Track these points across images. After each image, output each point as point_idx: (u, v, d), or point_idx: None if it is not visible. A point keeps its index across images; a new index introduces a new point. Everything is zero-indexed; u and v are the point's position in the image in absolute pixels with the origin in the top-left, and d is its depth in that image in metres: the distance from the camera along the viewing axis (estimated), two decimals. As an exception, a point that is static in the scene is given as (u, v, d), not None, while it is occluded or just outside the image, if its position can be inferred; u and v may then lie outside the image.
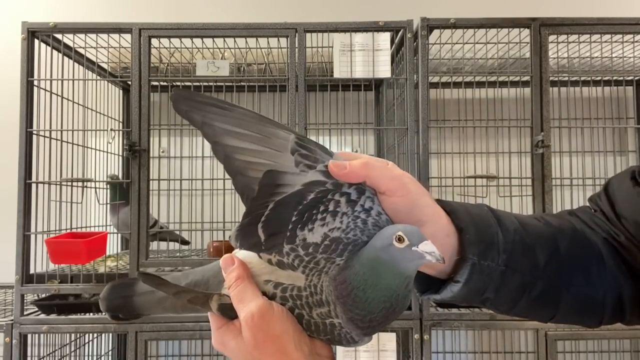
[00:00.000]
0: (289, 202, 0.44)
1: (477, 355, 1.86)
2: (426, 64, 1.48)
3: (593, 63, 1.78)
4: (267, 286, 0.45)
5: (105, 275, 1.45)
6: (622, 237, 0.55)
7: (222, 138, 0.45)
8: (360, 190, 0.44)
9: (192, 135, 1.71)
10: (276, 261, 0.45)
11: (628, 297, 0.55)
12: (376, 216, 0.44)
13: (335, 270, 0.43)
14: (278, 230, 0.44)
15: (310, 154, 0.44)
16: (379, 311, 0.41)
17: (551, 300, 0.53)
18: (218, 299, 0.46)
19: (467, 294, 0.50)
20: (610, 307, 0.55)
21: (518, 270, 0.51)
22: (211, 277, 0.50)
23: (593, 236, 0.57)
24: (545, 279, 0.52)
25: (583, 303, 0.54)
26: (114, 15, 1.71)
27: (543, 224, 0.55)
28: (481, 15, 1.49)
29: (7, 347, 1.39)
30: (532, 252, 0.52)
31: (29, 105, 1.44)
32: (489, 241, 0.50)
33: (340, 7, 2.08)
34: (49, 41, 1.48)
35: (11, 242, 1.42)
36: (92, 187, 1.54)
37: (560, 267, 0.53)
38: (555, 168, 1.66)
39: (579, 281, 0.53)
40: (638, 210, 0.55)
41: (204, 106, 0.45)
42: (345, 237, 0.44)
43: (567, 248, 0.54)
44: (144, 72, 1.45)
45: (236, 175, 0.45)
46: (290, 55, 1.46)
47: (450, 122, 1.92)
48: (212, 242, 1.59)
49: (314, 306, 0.43)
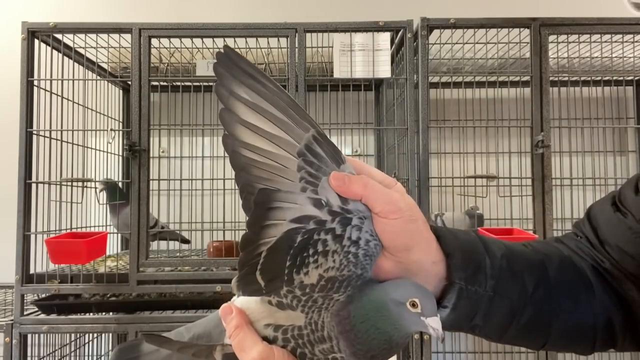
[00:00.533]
0: (280, 247, 0.45)
1: (477, 355, 1.86)
2: (426, 64, 1.48)
3: (593, 63, 1.78)
4: (267, 330, 0.45)
5: (105, 275, 1.45)
6: (607, 264, 0.56)
7: (236, 129, 0.44)
8: (344, 222, 0.45)
9: (192, 135, 1.71)
10: (275, 302, 0.45)
11: (618, 323, 0.55)
12: (365, 246, 0.45)
13: (337, 306, 0.43)
14: (276, 276, 0.45)
15: (315, 161, 0.44)
16: (379, 350, 0.42)
17: (541, 327, 0.53)
18: (221, 350, 0.47)
19: (455, 320, 0.50)
20: (601, 333, 0.55)
21: (506, 296, 0.51)
22: (213, 329, 0.51)
23: (580, 262, 0.57)
24: (534, 305, 0.52)
25: (574, 330, 0.54)
26: (114, 15, 1.71)
27: (530, 250, 0.56)
28: (481, 15, 1.49)
29: (7, 347, 1.39)
30: (520, 277, 0.52)
31: (29, 105, 1.44)
32: (476, 266, 0.50)
33: (340, 7, 2.08)
34: (49, 41, 1.48)
35: (11, 242, 1.42)
36: (92, 187, 1.54)
37: (549, 293, 0.53)
38: (555, 168, 1.66)
39: (568, 307, 0.53)
40: (620, 236, 0.55)
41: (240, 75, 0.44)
42: (340, 274, 0.44)
43: (556, 274, 0.54)
44: (144, 72, 1.45)
45: (240, 171, 0.45)
46: (290, 55, 1.46)
47: (450, 122, 1.92)
48: (212, 242, 1.59)
49: (316, 343, 0.43)
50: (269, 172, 0.45)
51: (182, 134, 1.91)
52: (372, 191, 0.45)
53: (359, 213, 0.45)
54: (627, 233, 0.55)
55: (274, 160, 0.45)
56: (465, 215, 1.63)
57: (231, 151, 0.45)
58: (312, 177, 0.44)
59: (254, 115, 0.44)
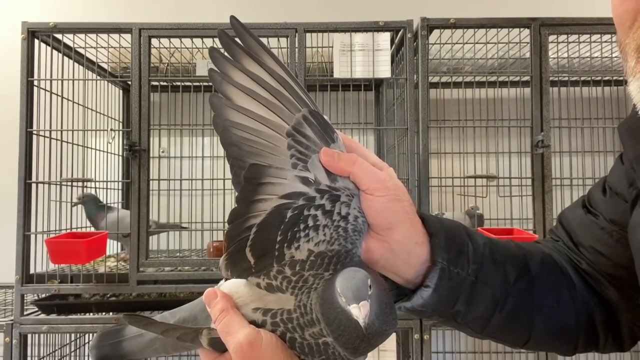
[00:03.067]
0: (272, 222, 0.45)
1: (477, 355, 1.86)
2: (426, 64, 1.48)
3: (593, 63, 1.78)
4: (255, 314, 0.45)
5: (105, 275, 1.45)
6: (584, 264, 0.57)
7: (226, 112, 0.45)
8: (333, 199, 0.45)
9: (192, 135, 1.71)
10: (265, 285, 0.45)
11: (600, 322, 0.55)
12: (354, 221, 0.45)
13: (321, 286, 0.43)
14: (266, 251, 0.45)
15: (304, 140, 0.45)
16: (353, 338, 0.40)
17: (524, 321, 0.53)
18: (208, 334, 0.46)
19: (437, 302, 0.50)
20: (583, 333, 0.55)
21: (488, 283, 0.51)
22: (199, 313, 0.50)
23: (562, 260, 0.58)
24: (516, 297, 0.53)
25: (556, 326, 0.54)
26: (114, 15, 1.71)
27: (513, 245, 0.57)
28: (481, 15, 1.49)
29: (7, 347, 1.39)
30: (501, 267, 0.53)
31: (29, 105, 1.44)
32: (459, 249, 0.50)
33: (340, 7, 2.08)
34: (49, 41, 1.48)
35: (11, 242, 1.41)
36: (92, 187, 1.54)
37: (530, 285, 0.54)
38: (555, 168, 1.66)
39: (550, 302, 0.54)
40: (593, 237, 0.57)
41: (238, 55, 0.45)
42: (330, 249, 0.44)
43: (538, 269, 0.55)
44: (144, 72, 1.45)
45: (231, 146, 0.45)
46: (290, 55, 1.46)
47: (450, 122, 1.92)
48: (212, 242, 1.59)
49: (305, 327, 0.42)
50: (260, 149, 0.45)
51: (182, 134, 1.91)
52: (360, 169, 0.46)
53: (347, 191, 0.46)
54: (600, 233, 0.56)
55: (264, 139, 0.45)
56: (465, 215, 1.63)
57: (221, 129, 0.45)
58: (302, 155, 0.45)
59: (245, 99, 0.45)
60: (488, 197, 1.49)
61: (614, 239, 0.55)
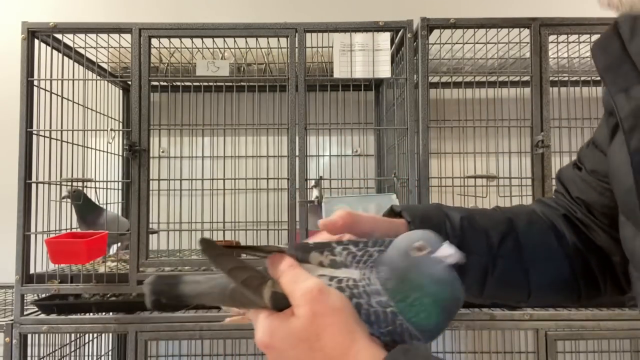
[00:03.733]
0: None
1: (477, 355, 1.86)
2: (426, 64, 1.48)
3: (593, 63, 1.78)
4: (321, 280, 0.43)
5: (105, 275, 1.45)
6: (579, 213, 0.61)
7: None
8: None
9: (192, 135, 1.71)
10: (328, 262, 0.45)
11: (596, 267, 0.58)
12: None
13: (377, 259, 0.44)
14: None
15: None
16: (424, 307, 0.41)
17: (519, 278, 0.56)
18: (272, 286, 0.43)
19: None
20: (582, 279, 0.58)
21: (472, 252, 0.54)
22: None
23: (552, 214, 0.61)
24: (504, 257, 0.56)
25: (553, 277, 0.58)
26: (114, 15, 1.71)
27: (499, 212, 0.61)
28: (481, 15, 1.49)
29: (7, 347, 1.39)
30: (483, 234, 0.56)
31: (29, 105, 1.44)
32: (436, 229, 0.51)
33: (340, 7, 2.08)
34: (49, 41, 1.48)
35: (11, 242, 1.42)
36: (92, 187, 1.54)
37: (518, 244, 0.57)
38: (555, 168, 1.63)
39: (542, 255, 0.57)
40: (577, 189, 0.62)
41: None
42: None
43: (525, 227, 0.58)
44: (144, 72, 1.45)
45: None
46: (290, 55, 1.46)
47: (450, 122, 1.92)
48: (212, 242, 1.58)
49: (372, 295, 0.42)
50: None
51: (182, 134, 1.91)
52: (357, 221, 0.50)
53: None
54: (582, 185, 0.61)
55: None
56: (465, 215, 1.63)
57: None
58: None
59: None
60: (488, 197, 1.49)
61: (593, 189, 0.59)
